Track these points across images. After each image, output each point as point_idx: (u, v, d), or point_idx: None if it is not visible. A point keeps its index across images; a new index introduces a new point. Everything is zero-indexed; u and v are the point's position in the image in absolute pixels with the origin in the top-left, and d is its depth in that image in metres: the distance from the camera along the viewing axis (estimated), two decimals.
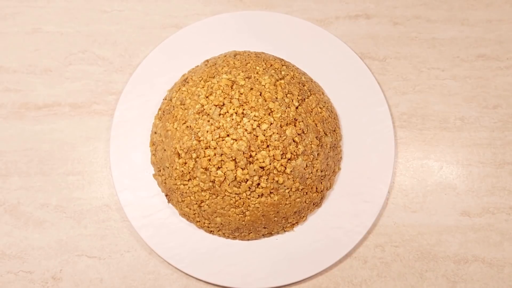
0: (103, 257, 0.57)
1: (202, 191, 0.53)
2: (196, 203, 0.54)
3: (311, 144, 0.54)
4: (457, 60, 0.65)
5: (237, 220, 0.54)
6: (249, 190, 0.52)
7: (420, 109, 0.63)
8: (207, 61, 0.61)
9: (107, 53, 0.65)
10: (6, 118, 0.62)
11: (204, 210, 0.54)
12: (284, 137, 0.52)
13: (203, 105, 0.53)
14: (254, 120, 0.52)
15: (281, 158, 0.52)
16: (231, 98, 0.53)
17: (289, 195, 0.54)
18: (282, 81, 0.56)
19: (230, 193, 0.52)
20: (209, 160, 0.52)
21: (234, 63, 0.57)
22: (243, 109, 0.52)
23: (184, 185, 0.54)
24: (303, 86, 0.57)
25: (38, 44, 0.65)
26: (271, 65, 0.58)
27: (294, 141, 0.52)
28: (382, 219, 0.58)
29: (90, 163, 0.60)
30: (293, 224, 0.57)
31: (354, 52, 0.63)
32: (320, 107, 0.57)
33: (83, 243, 0.57)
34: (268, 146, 0.51)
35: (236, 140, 0.51)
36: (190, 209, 0.55)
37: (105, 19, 0.66)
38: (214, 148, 0.51)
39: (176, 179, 0.54)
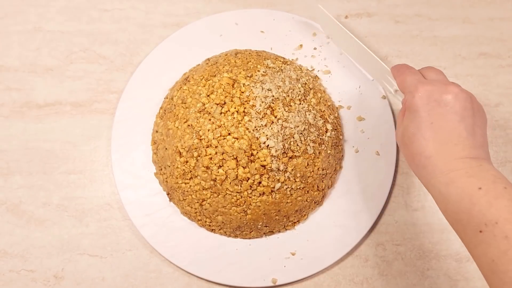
0: (104, 256, 0.57)
1: (203, 189, 0.53)
2: (198, 202, 0.54)
3: (312, 143, 0.54)
4: (459, 58, 0.65)
5: (239, 218, 0.54)
6: (250, 189, 0.52)
7: None
8: (208, 59, 0.61)
9: (108, 51, 0.65)
10: (8, 117, 0.62)
11: (206, 209, 0.54)
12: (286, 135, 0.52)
13: (204, 104, 0.53)
14: (255, 119, 0.51)
15: (283, 157, 0.52)
16: (232, 97, 0.53)
17: (290, 194, 0.53)
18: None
19: (232, 191, 0.52)
20: (211, 158, 0.51)
21: (235, 61, 0.57)
22: (244, 108, 0.52)
23: (185, 183, 0.54)
24: (304, 84, 0.57)
25: (39, 43, 0.65)
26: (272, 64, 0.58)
27: (295, 139, 0.52)
28: (384, 217, 0.58)
29: (91, 162, 0.60)
30: (295, 222, 0.57)
31: None
32: (321, 105, 0.57)
33: (84, 242, 0.57)
34: (269, 144, 0.51)
35: (237, 138, 0.51)
36: (191, 207, 0.55)
37: (106, 18, 0.66)
38: (216, 147, 0.51)
39: (177, 178, 0.54)
